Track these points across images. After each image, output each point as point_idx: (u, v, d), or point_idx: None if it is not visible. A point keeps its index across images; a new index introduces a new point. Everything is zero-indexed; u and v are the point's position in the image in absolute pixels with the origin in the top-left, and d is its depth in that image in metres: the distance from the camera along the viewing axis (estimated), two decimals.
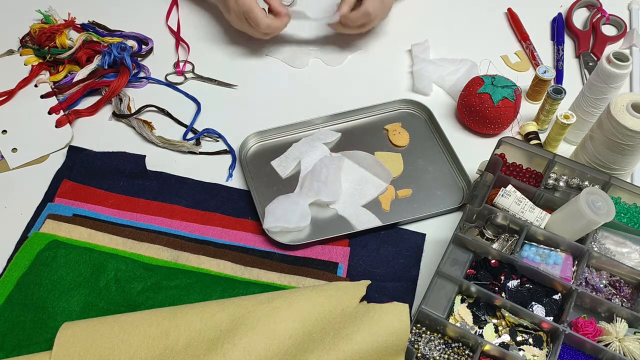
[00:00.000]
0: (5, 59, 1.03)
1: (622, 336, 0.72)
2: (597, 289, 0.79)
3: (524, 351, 0.73)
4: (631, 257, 0.81)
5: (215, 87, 1.04)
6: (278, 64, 1.08)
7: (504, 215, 0.81)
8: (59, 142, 0.94)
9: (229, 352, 0.67)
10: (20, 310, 0.75)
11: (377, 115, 1.00)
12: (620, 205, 0.85)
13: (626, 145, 0.83)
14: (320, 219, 0.87)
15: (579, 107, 0.94)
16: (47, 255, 0.78)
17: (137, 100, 1.01)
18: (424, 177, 0.92)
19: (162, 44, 1.09)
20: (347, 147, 0.95)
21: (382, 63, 1.09)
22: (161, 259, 0.81)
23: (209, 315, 0.71)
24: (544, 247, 0.81)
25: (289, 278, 0.80)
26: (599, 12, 1.16)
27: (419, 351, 0.73)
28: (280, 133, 0.97)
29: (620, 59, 0.86)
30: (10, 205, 0.87)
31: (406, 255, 0.84)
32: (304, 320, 0.70)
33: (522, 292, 0.77)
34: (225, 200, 0.89)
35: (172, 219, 0.86)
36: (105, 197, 0.87)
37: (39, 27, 1.04)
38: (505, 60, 1.10)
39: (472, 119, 0.96)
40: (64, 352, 0.68)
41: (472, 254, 0.80)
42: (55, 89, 0.99)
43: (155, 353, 0.68)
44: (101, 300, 0.76)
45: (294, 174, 0.92)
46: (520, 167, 0.89)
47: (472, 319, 0.76)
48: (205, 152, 0.95)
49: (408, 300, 0.79)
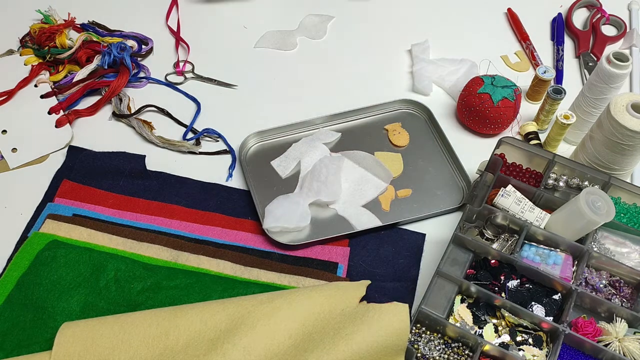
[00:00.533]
0: (5, 59, 1.03)
1: (621, 336, 0.72)
2: (597, 289, 0.79)
3: (524, 351, 0.73)
4: (631, 257, 0.81)
5: (215, 87, 1.04)
6: (278, 63, 1.08)
7: (503, 215, 0.81)
8: (59, 142, 0.94)
9: (229, 352, 0.67)
10: (20, 310, 0.75)
11: (377, 115, 1.00)
12: (620, 205, 0.85)
13: (626, 145, 0.83)
14: (320, 219, 0.87)
15: (579, 107, 0.94)
16: (47, 255, 0.78)
17: (137, 100, 1.01)
18: (424, 177, 0.92)
19: (162, 44, 1.09)
20: (347, 147, 0.95)
21: (382, 63, 1.09)
22: (161, 259, 0.81)
23: (209, 315, 0.71)
24: (544, 247, 0.81)
25: (289, 278, 0.80)
26: (598, 12, 1.16)
27: (418, 351, 0.73)
28: (280, 133, 0.97)
29: (620, 59, 0.86)
30: (10, 205, 0.87)
31: (406, 255, 0.84)
32: (303, 320, 0.70)
33: (522, 292, 0.77)
34: (225, 200, 0.89)
35: (172, 219, 0.86)
36: (105, 197, 0.87)
37: (39, 27, 1.04)
38: (505, 60, 1.10)
39: (472, 119, 0.96)
40: (64, 352, 0.68)
41: (472, 254, 0.80)
42: (55, 89, 0.99)
43: (155, 353, 0.68)
44: (101, 300, 0.76)
45: (293, 174, 0.92)
46: (520, 167, 0.89)
47: (472, 319, 0.76)
48: (205, 152, 0.95)
49: (408, 300, 0.79)
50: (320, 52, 1.10)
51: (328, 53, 1.10)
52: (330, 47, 1.11)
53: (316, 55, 1.10)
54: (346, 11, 1.17)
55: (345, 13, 1.17)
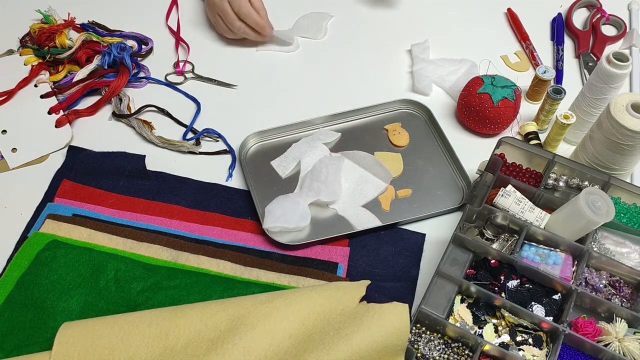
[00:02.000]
0: (5, 59, 1.03)
1: (621, 336, 0.72)
2: (597, 289, 0.79)
3: (524, 351, 0.73)
4: (631, 257, 0.81)
5: (215, 87, 1.04)
6: (278, 63, 1.08)
7: (503, 215, 0.81)
8: (59, 142, 0.94)
9: (229, 352, 0.67)
10: (20, 310, 0.75)
11: (377, 115, 1.00)
12: (620, 205, 0.85)
13: (626, 145, 0.83)
14: (320, 219, 0.87)
15: (579, 107, 0.94)
16: (46, 255, 0.78)
17: (137, 100, 1.01)
18: (424, 177, 0.92)
19: (162, 44, 1.09)
20: (347, 147, 0.95)
21: (382, 63, 1.09)
22: (161, 259, 0.81)
23: (209, 315, 0.71)
24: (544, 247, 0.81)
25: (289, 278, 0.80)
26: (598, 12, 1.16)
27: (418, 351, 0.73)
28: (280, 133, 0.97)
29: (620, 59, 0.86)
30: (10, 205, 0.87)
31: (406, 255, 0.84)
32: (303, 320, 0.70)
33: (521, 292, 0.77)
34: (225, 200, 0.89)
35: (171, 219, 0.86)
36: (105, 197, 0.87)
37: (38, 27, 1.04)
38: (505, 60, 1.10)
39: (472, 119, 0.96)
40: (64, 352, 0.68)
41: (472, 254, 0.80)
42: (55, 89, 0.99)
43: (155, 353, 0.68)
44: (101, 300, 0.76)
45: (293, 174, 0.92)
46: (520, 167, 0.89)
47: (471, 319, 0.76)
48: (205, 152, 0.95)
49: (408, 300, 0.79)
50: (320, 52, 1.10)
51: (328, 53, 1.10)
52: (330, 47, 1.11)
53: (316, 55, 1.10)
54: (346, 11, 1.17)
55: (345, 13, 1.17)
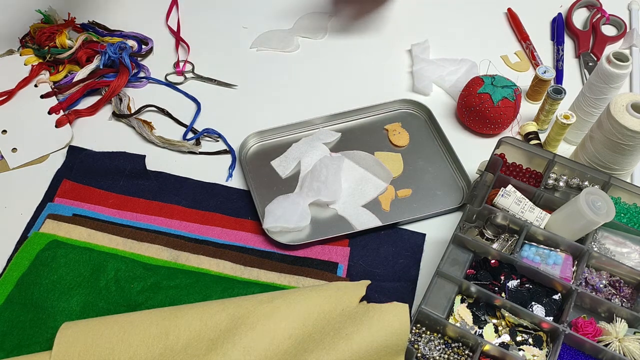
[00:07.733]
0: (5, 59, 1.03)
1: (621, 336, 0.72)
2: (597, 289, 0.79)
3: (524, 351, 0.73)
4: (631, 257, 0.81)
5: (215, 87, 1.04)
6: (278, 63, 1.08)
7: (503, 215, 0.81)
8: (59, 142, 0.94)
9: (229, 352, 0.67)
10: (20, 310, 0.75)
11: (377, 115, 1.00)
12: (620, 206, 0.85)
13: (626, 145, 0.83)
14: (320, 219, 0.87)
15: (579, 107, 0.94)
16: (46, 255, 0.78)
17: (137, 100, 1.01)
18: (424, 177, 0.92)
19: (162, 44, 1.09)
20: (347, 147, 0.95)
21: (382, 63, 1.09)
22: (161, 258, 0.81)
23: (209, 315, 0.71)
24: (544, 247, 0.81)
25: (289, 278, 0.80)
26: (598, 12, 1.16)
27: (419, 351, 0.73)
28: (280, 133, 0.97)
29: (620, 59, 0.86)
30: (10, 205, 0.87)
31: (406, 255, 0.84)
32: (303, 320, 0.70)
33: (522, 292, 0.77)
34: (225, 200, 0.89)
35: (171, 219, 0.86)
36: (105, 197, 0.87)
37: (39, 27, 1.04)
38: (505, 60, 1.10)
39: (472, 119, 0.96)
40: (64, 352, 0.68)
41: (472, 254, 0.80)
42: (55, 89, 0.99)
43: (155, 353, 0.68)
44: (101, 300, 0.77)
45: (293, 174, 0.92)
46: (520, 167, 0.89)
47: (472, 319, 0.76)
48: (205, 152, 0.95)
49: (408, 300, 0.79)
50: (320, 52, 1.10)
51: (328, 53, 1.10)
52: (330, 47, 1.11)
53: (316, 55, 1.10)
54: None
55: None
